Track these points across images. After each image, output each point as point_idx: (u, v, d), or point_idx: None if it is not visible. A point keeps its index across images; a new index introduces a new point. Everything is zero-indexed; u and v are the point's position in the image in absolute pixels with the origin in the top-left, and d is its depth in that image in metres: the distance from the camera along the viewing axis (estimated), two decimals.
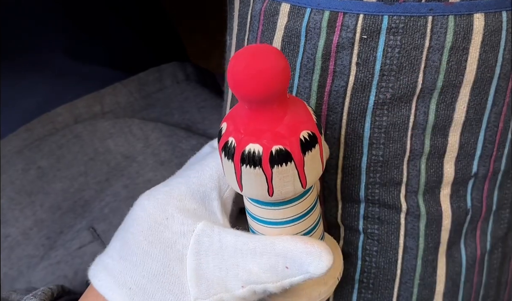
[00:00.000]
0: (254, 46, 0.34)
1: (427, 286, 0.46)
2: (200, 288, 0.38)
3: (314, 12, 0.40)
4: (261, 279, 0.37)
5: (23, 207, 0.61)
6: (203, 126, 0.68)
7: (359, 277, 0.46)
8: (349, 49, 0.40)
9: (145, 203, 0.40)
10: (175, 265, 0.38)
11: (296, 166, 0.35)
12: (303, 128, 0.35)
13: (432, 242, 0.44)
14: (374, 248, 0.45)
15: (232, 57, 0.33)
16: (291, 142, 0.34)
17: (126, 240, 0.40)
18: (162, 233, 0.39)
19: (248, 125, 0.35)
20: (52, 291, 0.44)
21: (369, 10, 0.39)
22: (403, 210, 0.44)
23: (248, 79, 0.32)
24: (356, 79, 0.40)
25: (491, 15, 0.39)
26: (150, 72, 0.72)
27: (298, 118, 0.35)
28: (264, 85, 0.32)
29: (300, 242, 0.37)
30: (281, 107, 0.35)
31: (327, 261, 0.36)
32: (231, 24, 0.49)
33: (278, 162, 0.34)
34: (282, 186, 0.35)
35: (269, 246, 0.37)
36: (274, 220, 0.38)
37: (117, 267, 0.40)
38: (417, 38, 0.39)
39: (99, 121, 0.66)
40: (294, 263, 0.37)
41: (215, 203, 0.40)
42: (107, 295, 0.39)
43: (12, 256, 0.60)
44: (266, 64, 0.32)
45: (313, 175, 0.36)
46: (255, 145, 0.34)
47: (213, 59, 0.79)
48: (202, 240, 0.38)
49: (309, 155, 0.35)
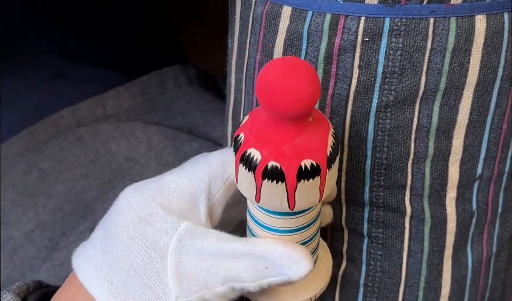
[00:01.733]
0: (293, 60, 0.34)
1: (432, 289, 0.45)
2: (181, 286, 0.38)
3: (315, 15, 0.40)
4: (241, 277, 0.37)
5: (26, 209, 0.61)
6: (205, 129, 0.68)
7: (364, 281, 0.46)
8: (351, 51, 0.40)
9: (130, 196, 0.39)
10: (156, 262, 0.38)
11: (286, 188, 0.35)
12: (308, 157, 0.35)
13: (437, 246, 0.44)
14: (378, 252, 0.45)
15: (267, 65, 0.33)
16: (289, 164, 0.34)
17: (109, 232, 0.40)
18: (144, 229, 0.38)
19: (261, 131, 0.35)
20: (28, 286, 0.44)
21: (371, 12, 0.39)
22: (407, 213, 0.43)
23: (279, 93, 0.33)
24: (359, 82, 0.40)
25: (493, 17, 0.39)
26: (152, 75, 0.72)
27: (309, 143, 0.35)
28: (293, 102, 0.33)
29: (281, 245, 0.37)
30: (299, 125, 0.35)
31: (307, 266, 0.37)
32: (233, 27, 0.49)
33: (269, 177, 0.35)
34: (269, 200, 0.36)
35: (251, 247, 0.37)
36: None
37: (99, 258, 0.39)
38: (419, 40, 0.39)
39: (102, 124, 0.66)
40: (274, 265, 0.37)
41: (202, 206, 0.40)
42: (90, 288, 0.39)
43: (14, 258, 0.60)
44: (300, 82, 0.32)
45: (305, 202, 0.36)
46: (254, 150, 0.35)
47: (213, 60, 0.79)
48: (184, 240, 0.38)
49: (304, 183, 0.35)
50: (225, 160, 0.40)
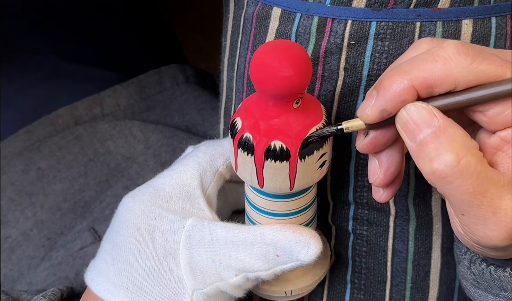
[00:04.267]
0: (279, 42, 0.35)
1: (419, 289, 0.46)
2: (196, 279, 0.39)
3: (304, 17, 0.40)
4: (253, 267, 0.38)
5: (24, 208, 0.62)
6: (203, 127, 0.69)
7: (350, 278, 0.46)
8: (337, 54, 0.40)
9: (130, 205, 0.41)
10: (169, 261, 0.39)
11: (255, 162, 0.36)
12: (279, 139, 0.36)
13: (422, 246, 0.44)
14: (363, 249, 0.45)
15: (258, 52, 0.34)
16: (260, 139, 0.36)
17: (116, 242, 0.40)
18: (152, 232, 0.39)
19: (250, 105, 0.37)
20: (62, 292, 0.45)
21: (357, 16, 0.39)
22: (392, 213, 0.44)
23: (263, 70, 0.33)
24: (344, 84, 0.40)
25: (479, 21, 0.39)
26: (150, 74, 0.72)
27: (286, 127, 0.36)
28: (272, 81, 0.33)
29: (288, 231, 0.38)
30: (280, 107, 0.35)
31: (316, 248, 0.37)
32: (226, 25, 0.49)
33: (242, 147, 0.36)
34: (241, 171, 0.38)
35: (259, 236, 0.38)
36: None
37: (111, 269, 0.40)
38: (405, 44, 0.39)
39: (99, 123, 0.66)
40: (284, 252, 0.38)
41: (201, 200, 0.41)
42: (107, 298, 0.40)
43: (12, 257, 0.60)
44: (297, 57, 0.33)
45: (273, 183, 0.37)
46: (239, 120, 0.37)
47: (213, 59, 0.79)
48: (193, 235, 0.39)
49: (271, 163, 0.36)
50: (212, 153, 0.41)
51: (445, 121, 0.32)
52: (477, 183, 0.31)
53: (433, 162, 0.31)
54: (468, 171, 0.31)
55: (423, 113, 0.32)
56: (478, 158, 0.32)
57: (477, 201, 0.31)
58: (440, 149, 0.31)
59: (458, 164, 0.31)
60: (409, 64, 0.33)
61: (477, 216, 0.32)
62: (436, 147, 0.31)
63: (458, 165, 0.31)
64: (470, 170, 0.31)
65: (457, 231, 0.35)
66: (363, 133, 0.36)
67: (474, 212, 0.32)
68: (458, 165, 0.31)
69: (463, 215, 0.33)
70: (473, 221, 0.32)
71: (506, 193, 0.32)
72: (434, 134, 0.32)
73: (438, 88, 0.32)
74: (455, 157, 0.31)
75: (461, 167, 0.31)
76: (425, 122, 0.32)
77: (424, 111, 0.32)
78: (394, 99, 0.33)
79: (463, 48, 0.32)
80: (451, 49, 0.32)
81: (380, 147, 0.36)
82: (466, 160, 0.31)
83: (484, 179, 0.31)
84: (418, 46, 0.35)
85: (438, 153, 0.31)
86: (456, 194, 0.32)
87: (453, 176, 0.31)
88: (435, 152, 0.31)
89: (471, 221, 0.32)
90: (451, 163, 0.31)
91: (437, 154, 0.31)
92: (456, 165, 0.31)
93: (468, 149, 0.31)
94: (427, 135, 0.32)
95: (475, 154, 0.32)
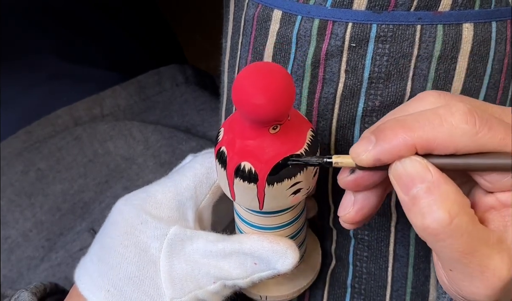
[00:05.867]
0: (266, 65, 0.34)
1: (419, 294, 0.45)
2: (175, 288, 0.39)
3: (304, 20, 0.40)
4: (231, 275, 0.39)
5: (23, 209, 0.62)
6: (202, 128, 0.69)
7: (351, 282, 0.46)
8: (338, 56, 0.40)
9: (122, 208, 0.41)
10: (149, 268, 0.40)
11: (227, 176, 0.36)
12: (249, 160, 0.35)
13: (422, 251, 0.44)
14: (364, 254, 0.45)
15: (241, 72, 0.34)
16: (232, 157, 0.36)
17: (104, 244, 0.41)
18: (137, 237, 0.40)
19: (235, 121, 0.37)
20: (45, 286, 0.45)
21: (358, 18, 0.39)
22: (393, 218, 0.44)
23: (240, 93, 0.33)
24: (345, 87, 0.40)
25: (480, 25, 0.39)
26: (150, 75, 0.72)
27: (258, 151, 0.35)
28: (246, 106, 0.33)
29: (265, 241, 0.38)
30: (256, 130, 0.35)
31: (293, 258, 0.38)
32: (226, 27, 0.49)
33: (219, 160, 0.37)
34: (220, 182, 0.38)
35: (238, 245, 0.39)
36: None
37: (96, 269, 0.41)
38: (406, 46, 0.38)
39: (99, 123, 0.66)
40: (262, 260, 0.38)
41: (189, 212, 0.41)
42: (88, 297, 0.40)
43: (12, 258, 0.60)
44: (274, 86, 0.33)
45: (242, 200, 0.37)
46: (222, 131, 0.37)
47: (213, 60, 0.79)
48: (174, 243, 0.40)
49: (240, 182, 0.36)
50: (209, 166, 0.41)
51: (439, 177, 0.32)
52: (467, 242, 0.31)
53: (425, 218, 0.31)
54: (460, 231, 0.31)
55: (418, 167, 0.32)
56: (470, 217, 0.31)
57: (466, 260, 0.31)
58: (433, 206, 0.31)
59: (450, 223, 0.31)
60: (414, 121, 0.32)
61: (465, 274, 0.32)
62: (429, 203, 0.31)
63: (450, 225, 0.31)
64: (461, 229, 0.31)
65: (442, 281, 0.35)
66: (349, 169, 0.36)
67: (462, 269, 0.32)
68: (451, 224, 0.31)
69: (451, 270, 0.32)
70: (460, 277, 0.32)
71: (495, 252, 0.31)
72: (428, 190, 0.31)
73: (438, 151, 0.32)
74: (448, 216, 0.31)
75: (453, 226, 0.31)
76: (419, 176, 0.32)
77: (418, 165, 0.32)
78: (393, 152, 0.32)
79: (471, 117, 0.31)
80: (459, 116, 0.32)
81: (362, 188, 0.36)
82: (459, 219, 0.31)
83: (474, 238, 0.31)
84: (424, 99, 0.34)
85: (430, 209, 0.31)
86: (446, 251, 0.31)
87: (445, 234, 0.31)
88: (428, 208, 0.31)
89: (458, 277, 0.32)
90: (443, 222, 0.31)
91: (429, 211, 0.31)
92: (449, 224, 0.31)
93: (461, 207, 0.31)
94: (420, 189, 0.32)
95: (468, 212, 0.31)
